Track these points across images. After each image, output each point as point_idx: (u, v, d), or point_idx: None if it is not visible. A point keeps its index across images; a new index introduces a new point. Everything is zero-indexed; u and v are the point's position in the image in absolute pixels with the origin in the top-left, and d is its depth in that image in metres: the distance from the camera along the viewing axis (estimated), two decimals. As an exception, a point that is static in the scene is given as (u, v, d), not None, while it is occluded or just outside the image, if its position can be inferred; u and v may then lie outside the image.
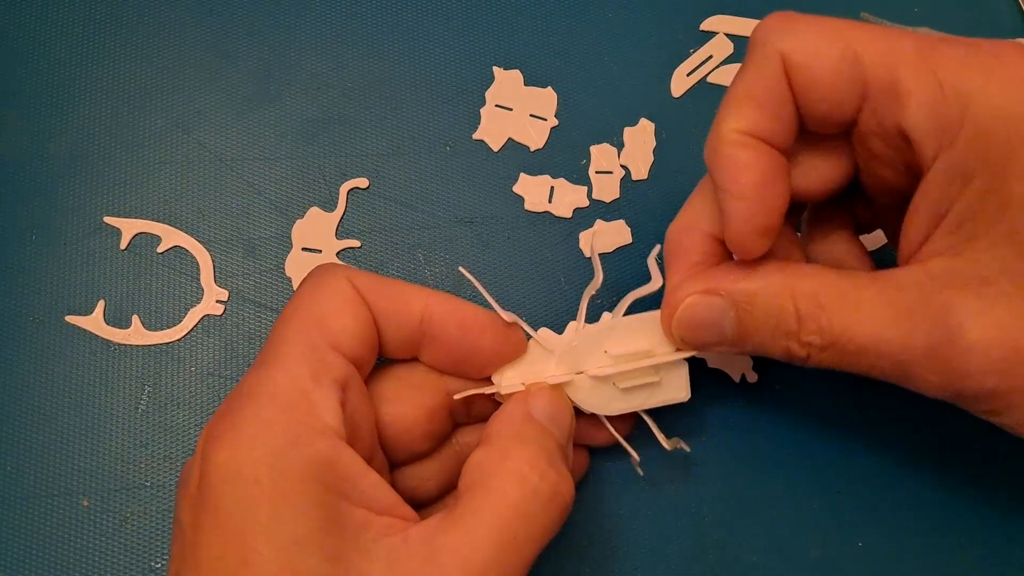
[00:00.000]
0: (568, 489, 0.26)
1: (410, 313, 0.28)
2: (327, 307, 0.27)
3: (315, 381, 0.25)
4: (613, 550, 0.34)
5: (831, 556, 0.34)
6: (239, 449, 0.24)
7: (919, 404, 0.36)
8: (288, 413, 0.24)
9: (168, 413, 0.35)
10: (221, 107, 0.38)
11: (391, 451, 0.29)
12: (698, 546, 0.34)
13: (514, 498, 0.25)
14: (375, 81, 0.39)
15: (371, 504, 0.25)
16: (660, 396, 0.31)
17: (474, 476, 0.26)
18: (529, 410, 0.28)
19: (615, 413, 0.31)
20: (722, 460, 0.35)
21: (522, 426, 0.28)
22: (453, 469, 0.31)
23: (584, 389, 0.30)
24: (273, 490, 0.23)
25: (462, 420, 0.31)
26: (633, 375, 0.30)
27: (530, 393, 0.29)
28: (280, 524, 0.23)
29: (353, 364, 0.27)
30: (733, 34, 0.40)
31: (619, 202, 0.38)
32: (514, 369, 0.30)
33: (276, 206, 0.37)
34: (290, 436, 0.24)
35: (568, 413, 0.30)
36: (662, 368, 0.30)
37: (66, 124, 0.38)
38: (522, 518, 0.25)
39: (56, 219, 0.36)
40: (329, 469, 0.24)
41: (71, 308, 0.35)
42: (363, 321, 0.27)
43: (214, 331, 0.36)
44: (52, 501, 0.33)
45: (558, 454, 0.27)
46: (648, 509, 0.34)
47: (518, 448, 0.26)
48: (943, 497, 0.35)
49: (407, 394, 0.29)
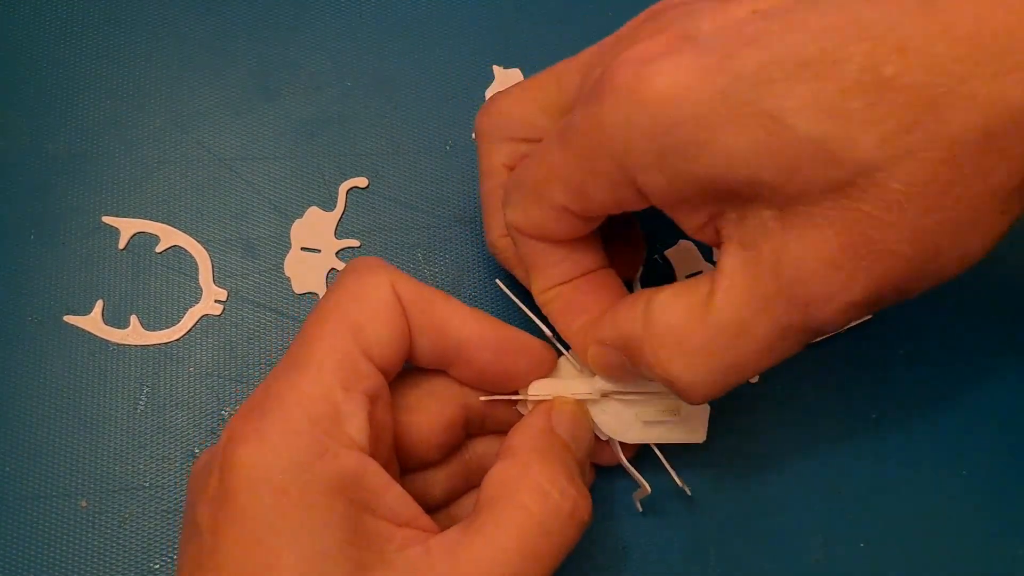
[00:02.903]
0: (586, 507, 0.26)
1: (448, 333, 0.28)
2: (366, 312, 0.26)
3: (346, 392, 0.25)
4: (613, 550, 0.34)
5: (833, 557, 0.34)
6: (265, 454, 0.24)
7: (919, 404, 0.36)
8: (317, 423, 0.24)
9: (167, 413, 0.34)
10: (220, 106, 0.38)
11: (404, 458, 0.29)
12: (698, 547, 0.34)
13: (535, 513, 0.25)
14: (375, 80, 0.39)
15: (393, 516, 0.25)
16: (677, 434, 0.31)
17: (496, 489, 0.26)
18: (552, 425, 0.28)
19: (631, 442, 0.30)
20: (722, 461, 0.35)
21: (544, 440, 0.28)
22: (460, 478, 0.31)
23: (607, 412, 0.30)
24: (300, 501, 0.23)
25: (476, 432, 0.31)
26: (656, 409, 0.30)
27: (553, 407, 0.29)
28: (306, 535, 0.23)
29: (382, 373, 0.27)
30: (733, 34, 0.40)
31: (619, 202, 0.38)
32: (542, 383, 0.30)
33: (275, 206, 0.37)
34: (318, 448, 0.24)
35: (588, 431, 0.29)
36: (685, 407, 0.30)
37: (65, 124, 0.38)
38: (543, 534, 0.25)
39: (54, 219, 0.36)
40: (354, 483, 0.24)
41: (69, 308, 0.35)
42: (399, 333, 0.27)
43: (213, 331, 0.35)
44: (50, 502, 0.33)
45: (577, 471, 0.27)
46: (648, 509, 0.34)
47: (539, 463, 0.26)
48: (944, 497, 0.35)
49: (426, 403, 0.29)
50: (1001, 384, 0.36)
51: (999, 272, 0.38)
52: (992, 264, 0.38)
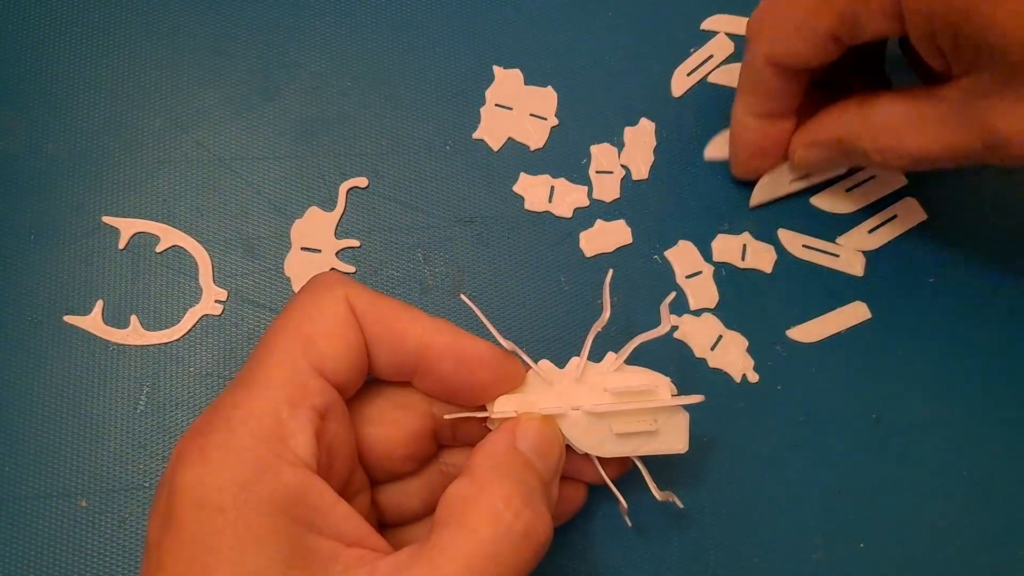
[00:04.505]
0: (544, 529, 0.25)
1: (405, 343, 0.27)
2: (318, 327, 0.26)
3: (292, 408, 0.25)
4: (613, 550, 0.34)
5: (833, 558, 0.34)
6: (207, 475, 0.23)
7: (919, 405, 0.36)
8: (260, 441, 0.24)
9: (167, 413, 0.34)
10: (220, 106, 0.38)
11: (373, 470, 0.28)
12: (699, 547, 0.34)
13: (485, 537, 0.24)
14: (375, 80, 0.39)
15: (340, 535, 0.24)
16: (656, 444, 0.29)
17: (448, 510, 0.25)
18: (515, 442, 0.27)
19: (607, 455, 0.29)
20: (722, 461, 0.35)
21: (504, 458, 0.27)
22: (438, 487, 0.30)
23: (579, 426, 0.29)
24: (237, 520, 0.23)
25: (447, 443, 0.31)
26: (630, 420, 0.29)
27: (519, 423, 0.28)
28: (243, 554, 0.23)
29: (337, 389, 0.26)
30: (734, 33, 0.40)
31: (619, 202, 0.38)
32: (509, 398, 0.29)
33: (275, 205, 0.37)
34: (259, 466, 0.24)
35: (557, 447, 0.28)
36: (661, 416, 0.29)
37: (64, 124, 0.38)
38: (491, 558, 0.24)
39: (54, 219, 0.36)
40: (297, 501, 0.24)
41: (69, 308, 0.35)
42: (354, 346, 0.26)
43: (213, 331, 0.35)
44: (50, 502, 0.33)
45: (539, 491, 0.26)
46: (648, 510, 0.34)
47: (495, 483, 0.25)
48: (944, 497, 0.35)
49: (391, 415, 0.29)
50: (1001, 384, 0.36)
51: (999, 272, 0.38)
52: (992, 264, 0.38)
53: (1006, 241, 0.38)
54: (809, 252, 0.38)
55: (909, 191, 0.38)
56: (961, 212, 0.38)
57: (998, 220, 0.38)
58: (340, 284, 0.27)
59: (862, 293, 0.37)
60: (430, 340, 0.27)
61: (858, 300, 0.37)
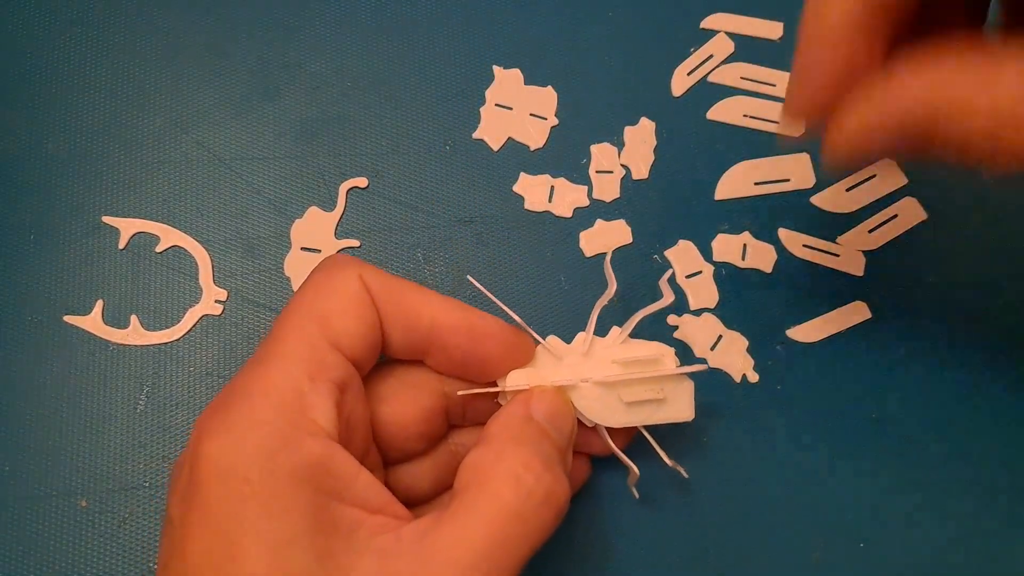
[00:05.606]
0: (563, 492, 0.26)
1: (418, 320, 0.28)
2: (333, 304, 0.27)
3: (312, 381, 0.25)
4: (613, 551, 0.34)
5: (833, 558, 0.34)
6: (230, 446, 0.24)
7: (919, 405, 0.36)
8: (281, 413, 0.24)
9: (167, 413, 0.34)
10: (220, 106, 0.38)
11: (385, 449, 0.29)
12: (698, 547, 0.34)
13: (508, 499, 0.25)
14: (375, 80, 0.39)
15: (364, 503, 0.25)
16: (664, 413, 0.30)
17: (469, 476, 0.26)
18: (529, 412, 0.28)
19: (617, 425, 0.30)
20: (722, 460, 0.35)
21: (520, 427, 0.28)
22: (448, 469, 0.31)
23: (589, 397, 0.30)
24: (263, 490, 0.23)
25: (458, 422, 0.31)
26: (638, 389, 0.30)
27: (532, 395, 0.29)
28: (269, 523, 0.23)
29: (353, 364, 0.27)
30: (734, 32, 0.40)
31: (619, 201, 0.38)
32: (521, 372, 0.30)
33: (275, 205, 0.37)
34: (282, 436, 0.24)
35: (570, 417, 0.29)
36: (668, 385, 0.30)
37: (64, 123, 0.38)
38: (515, 519, 0.25)
39: (54, 219, 0.36)
40: (321, 470, 0.24)
41: (69, 308, 0.35)
42: (368, 323, 0.27)
43: (213, 331, 0.35)
44: (50, 501, 0.33)
45: (556, 457, 0.27)
46: (648, 510, 0.34)
47: (514, 449, 0.26)
48: (944, 498, 0.35)
49: (404, 394, 0.29)
50: (1001, 384, 0.36)
51: (999, 272, 0.38)
52: (992, 264, 0.38)
53: (1006, 241, 0.38)
54: (809, 252, 0.38)
55: (909, 191, 0.38)
56: (961, 212, 0.38)
57: (998, 220, 0.38)
58: (353, 264, 0.28)
59: (862, 293, 0.37)
60: (443, 317, 0.28)
61: (858, 300, 0.37)
